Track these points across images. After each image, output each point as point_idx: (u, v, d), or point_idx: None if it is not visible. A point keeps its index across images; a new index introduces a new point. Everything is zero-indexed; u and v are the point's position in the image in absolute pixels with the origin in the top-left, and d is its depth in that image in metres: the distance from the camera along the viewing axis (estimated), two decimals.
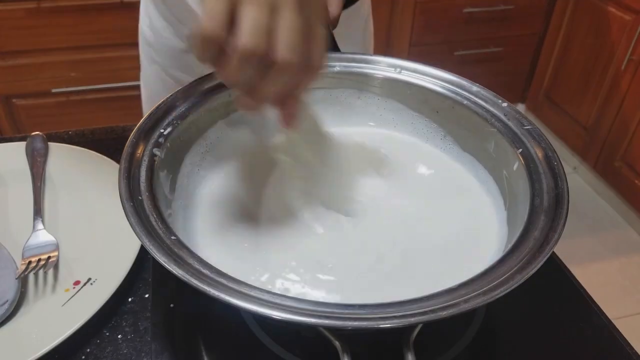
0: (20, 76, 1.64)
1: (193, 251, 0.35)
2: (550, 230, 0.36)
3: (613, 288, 1.66)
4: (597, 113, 1.89)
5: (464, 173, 0.52)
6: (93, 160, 0.61)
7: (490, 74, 2.13)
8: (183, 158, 0.48)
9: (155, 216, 0.37)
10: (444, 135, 0.54)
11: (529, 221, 0.37)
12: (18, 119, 1.71)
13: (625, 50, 1.73)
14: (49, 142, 0.63)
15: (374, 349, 0.41)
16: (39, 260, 0.50)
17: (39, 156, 0.61)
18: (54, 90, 1.68)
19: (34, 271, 0.49)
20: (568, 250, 0.33)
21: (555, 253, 0.53)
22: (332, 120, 0.54)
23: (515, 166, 0.44)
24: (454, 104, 0.50)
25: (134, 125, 0.44)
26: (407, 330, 0.35)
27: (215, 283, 0.32)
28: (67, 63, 1.65)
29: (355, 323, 0.30)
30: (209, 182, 0.50)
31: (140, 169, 0.41)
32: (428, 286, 0.33)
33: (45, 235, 0.52)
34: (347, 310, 0.31)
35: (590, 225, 1.87)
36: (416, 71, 0.53)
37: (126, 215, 0.36)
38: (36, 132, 0.64)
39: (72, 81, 1.68)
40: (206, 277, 0.32)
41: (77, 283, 0.48)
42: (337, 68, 0.54)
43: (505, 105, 0.48)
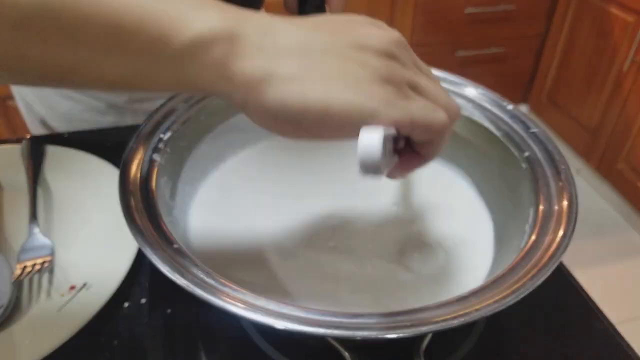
0: None
1: (195, 259, 0.34)
2: (560, 236, 0.35)
3: (616, 291, 1.65)
4: (600, 115, 1.89)
5: (465, 178, 0.51)
6: (89, 163, 0.60)
7: (492, 75, 2.13)
8: (183, 164, 0.47)
9: (156, 224, 0.36)
10: (450, 143, 0.53)
11: (538, 227, 0.37)
12: (13, 121, 1.71)
13: (627, 51, 1.72)
14: (45, 145, 0.63)
15: (383, 359, 0.40)
16: (35, 264, 0.49)
17: (35, 159, 0.60)
18: None
19: (30, 275, 0.48)
20: (570, 253, 0.33)
21: None
22: None
23: (521, 170, 0.44)
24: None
25: (131, 127, 0.44)
26: (418, 339, 0.35)
27: (219, 293, 0.31)
28: None
29: (364, 333, 0.29)
30: (209, 187, 0.50)
31: (140, 177, 0.40)
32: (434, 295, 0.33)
33: (41, 239, 0.52)
34: (356, 319, 0.30)
35: (592, 227, 1.86)
36: None
37: (127, 223, 0.35)
38: (32, 135, 0.64)
39: None
40: (211, 287, 0.32)
41: (73, 288, 0.48)
42: None
43: (510, 107, 0.47)
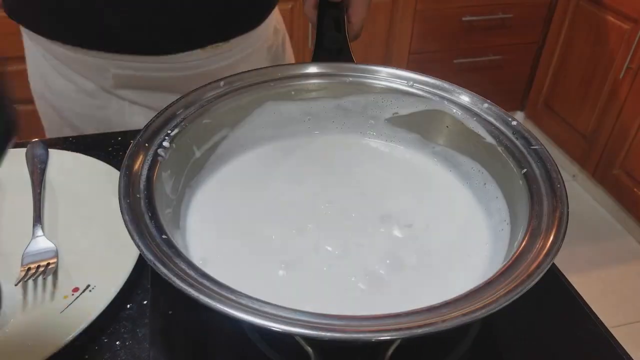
0: (20, 82, 1.64)
1: (180, 250, 0.35)
2: (544, 255, 0.36)
3: (612, 296, 1.66)
4: (596, 121, 1.90)
5: (465, 188, 0.52)
6: (93, 167, 0.61)
7: (489, 82, 2.14)
8: (187, 160, 0.48)
9: (150, 215, 0.37)
10: (453, 153, 0.54)
11: (524, 243, 0.37)
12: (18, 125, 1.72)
13: (623, 58, 1.73)
14: (49, 149, 0.63)
15: None
16: (38, 266, 0.50)
17: (39, 163, 0.61)
18: None
19: (33, 278, 0.49)
20: (566, 258, 0.33)
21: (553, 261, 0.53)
22: (339, 128, 0.55)
23: (518, 186, 0.44)
24: (464, 120, 0.51)
25: (135, 131, 0.45)
26: (384, 344, 0.35)
27: (198, 284, 0.32)
28: None
29: (329, 334, 0.30)
30: (211, 184, 0.51)
31: (142, 168, 0.42)
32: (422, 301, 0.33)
33: (44, 241, 0.52)
34: (324, 320, 0.31)
35: (588, 233, 1.87)
36: (427, 84, 0.53)
37: (122, 212, 0.37)
38: (36, 139, 0.64)
39: None
40: (189, 277, 0.33)
41: (76, 290, 0.48)
42: (350, 79, 0.54)
43: (514, 123, 0.48)
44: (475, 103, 0.51)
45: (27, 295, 0.48)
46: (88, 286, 0.49)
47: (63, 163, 0.62)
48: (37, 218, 0.55)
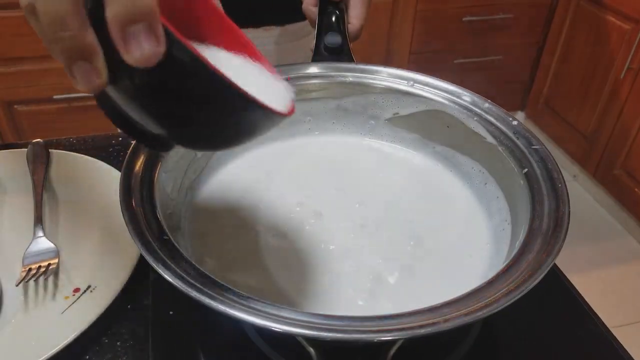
0: (22, 82, 1.64)
1: (181, 251, 0.35)
2: (545, 255, 0.36)
3: (613, 296, 1.65)
4: (597, 121, 1.90)
5: (466, 188, 0.52)
6: (94, 167, 0.61)
7: (490, 82, 2.14)
8: (188, 161, 0.49)
9: (150, 215, 0.38)
10: (453, 153, 0.54)
11: (525, 243, 0.37)
12: (19, 125, 1.72)
13: (624, 59, 1.73)
14: (50, 149, 0.63)
15: None
16: (39, 267, 0.50)
17: (40, 163, 0.61)
18: (56, 96, 1.68)
19: (34, 278, 0.49)
20: (567, 258, 0.33)
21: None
22: (340, 129, 0.55)
23: (519, 186, 0.44)
24: (465, 120, 0.51)
25: None
26: (386, 345, 0.35)
27: (199, 285, 0.32)
28: None
29: (330, 334, 0.30)
30: (212, 184, 0.51)
31: (143, 169, 0.42)
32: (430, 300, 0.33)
33: (45, 242, 0.52)
34: (326, 320, 0.31)
35: (589, 233, 1.87)
36: (428, 85, 0.53)
37: (122, 212, 0.37)
38: (37, 139, 0.65)
39: (74, 88, 1.68)
40: (190, 278, 0.33)
41: (77, 290, 0.49)
42: (350, 79, 0.54)
43: (515, 123, 0.48)
44: (475, 103, 0.51)
45: (28, 295, 0.48)
46: (89, 287, 0.49)
47: (64, 163, 0.62)
48: (38, 218, 0.55)
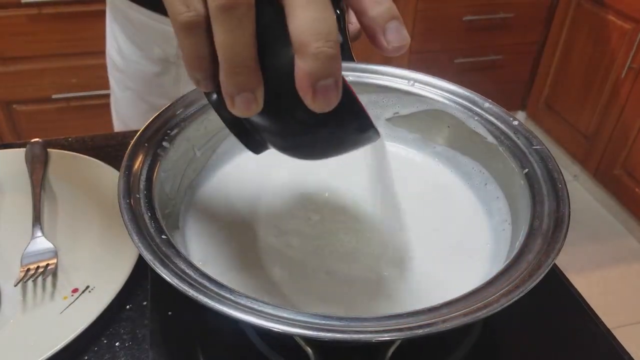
0: (20, 82, 1.64)
1: (180, 251, 0.35)
2: (545, 255, 0.36)
3: (613, 296, 1.65)
4: (597, 121, 1.90)
5: (466, 188, 0.52)
6: (93, 167, 0.61)
7: (490, 82, 2.14)
8: (187, 160, 0.48)
9: (149, 215, 0.37)
10: (454, 153, 0.54)
11: (525, 243, 0.37)
12: (18, 125, 1.72)
13: (625, 58, 1.73)
14: (49, 149, 0.63)
15: None
16: (38, 267, 0.50)
17: (39, 163, 0.61)
18: (55, 96, 1.68)
19: (33, 278, 0.49)
20: (568, 258, 0.33)
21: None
22: None
23: (519, 186, 0.44)
24: (465, 119, 0.50)
25: (135, 132, 0.45)
26: (384, 345, 0.35)
27: (197, 284, 0.32)
28: (68, 69, 1.65)
29: (329, 334, 0.30)
30: (211, 184, 0.51)
31: (142, 168, 0.41)
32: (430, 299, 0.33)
33: (44, 242, 0.52)
34: (324, 321, 0.31)
35: (590, 233, 1.87)
36: (429, 84, 0.53)
37: (121, 212, 0.36)
38: (36, 139, 0.64)
39: (73, 87, 1.68)
40: (188, 277, 0.33)
41: (76, 291, 0.48)
42: (350, 78, 0.54)
43: (516, 123, 0.48)
44: (476, 103, 0.51)
45: (27, 296, 0.48)
46: (87, 287, 0.48)
47: (62, 163, 0.62)
48: (37, 218, 0.55)
